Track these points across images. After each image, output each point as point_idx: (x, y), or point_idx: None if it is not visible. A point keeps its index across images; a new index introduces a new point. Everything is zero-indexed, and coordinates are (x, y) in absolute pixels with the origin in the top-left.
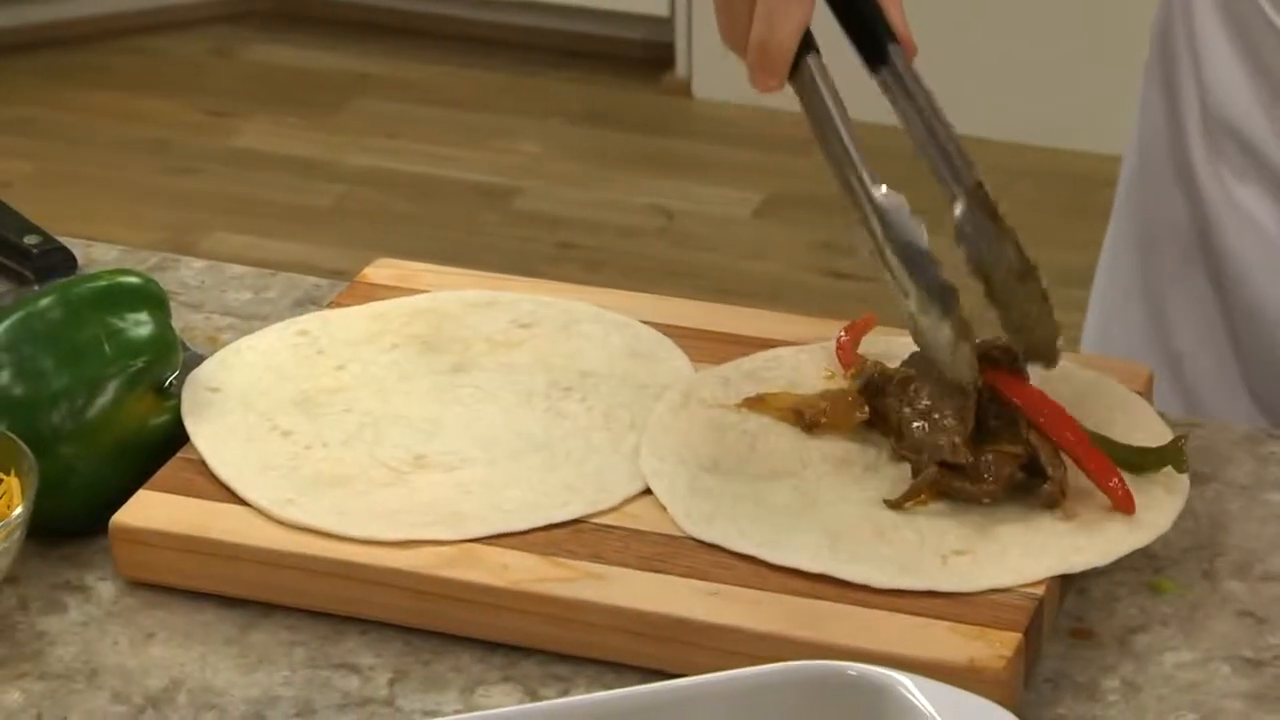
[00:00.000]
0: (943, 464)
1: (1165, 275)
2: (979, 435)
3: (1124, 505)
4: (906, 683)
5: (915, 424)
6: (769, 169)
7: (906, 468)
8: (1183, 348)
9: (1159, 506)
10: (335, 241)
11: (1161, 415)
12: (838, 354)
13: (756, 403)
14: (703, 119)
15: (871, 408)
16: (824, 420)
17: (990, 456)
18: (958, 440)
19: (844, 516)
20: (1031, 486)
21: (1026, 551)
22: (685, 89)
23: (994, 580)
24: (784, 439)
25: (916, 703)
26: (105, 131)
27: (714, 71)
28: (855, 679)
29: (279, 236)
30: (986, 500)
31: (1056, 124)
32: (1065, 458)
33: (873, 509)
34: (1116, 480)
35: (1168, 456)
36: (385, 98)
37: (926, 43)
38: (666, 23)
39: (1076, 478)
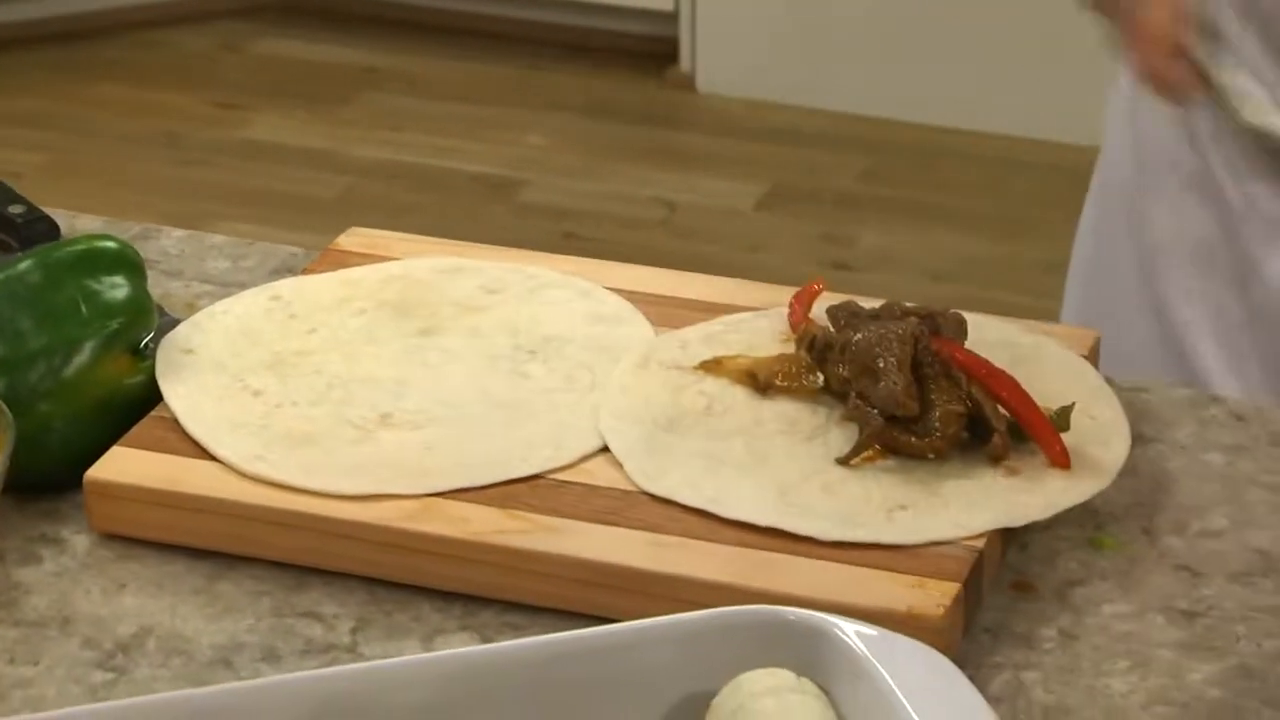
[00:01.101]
0: (890, 418)
1: (1175, 279)
2: (919, 390)
3: (1060, 461)
4: (842, 626)
5: (860, 379)
6: (771, 162)
7: (854, 429)
8: (1186, 318)
9: (1099, 464)
10: (341, 232)
11: (1109, 381)
12: (789, 319)
13: (713, 365)
14: (706, 112)
15: (819, 369)
16: (778, 383)
17: (938, 413)
18: (899, 390)
19: (794, 472)
20: (974, 444)
21: (968, 505)
22: (689, 83)
23: (936, 533)
24: (739, 400)
25: (851, 644)
26: (116, 124)
27: (718, 66)
28: (793, 623)
29: (286, 227)
30: (932, 455)
31: (1054, 118)
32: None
33: (822, 465)
34: (1053, 436)
35: (1056, 419)
36: (392, 91)
37: (924, 39)
38: (671, 17)
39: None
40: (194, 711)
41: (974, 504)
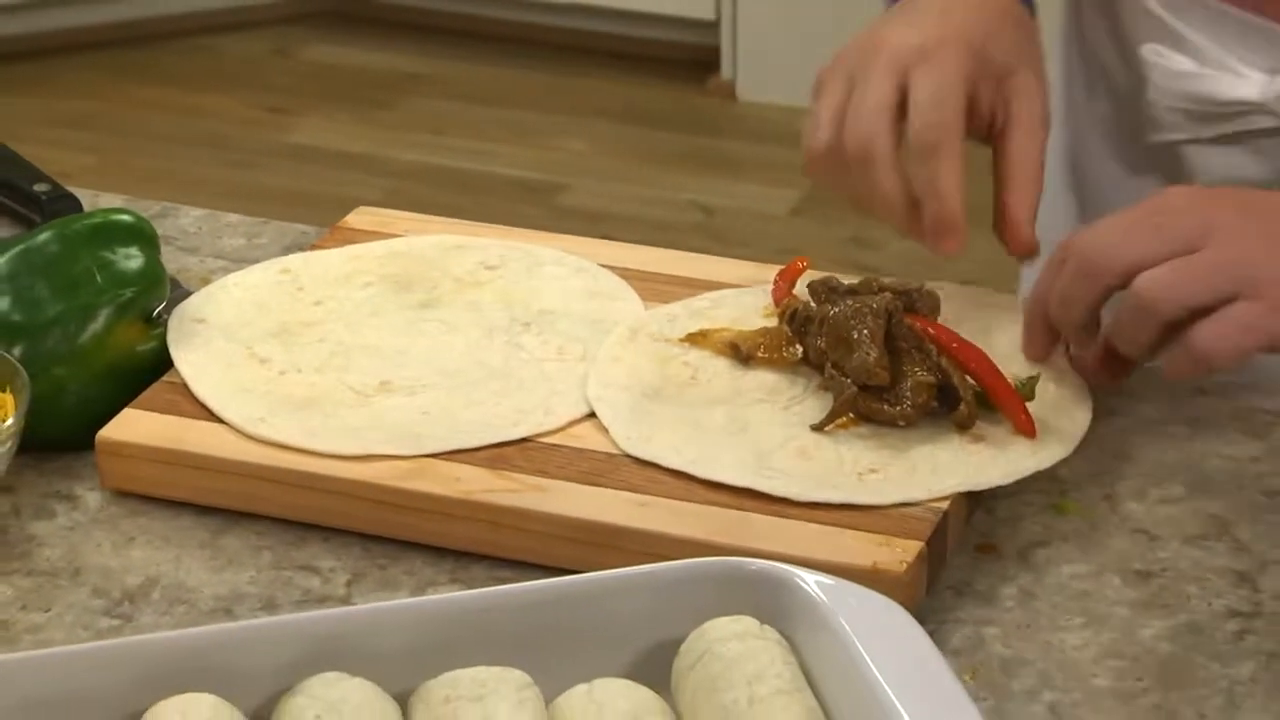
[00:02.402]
0: (863, 388)
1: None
2: (892, 361)
3: (1025, 429)
4: (803, 576)
5: (836, 350)
6: (786, 166)
7: (831, 398)
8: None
9: (1062, 433)
10: None
11: None
12: (773, 295)
13: (698, 337)
14: (745, 120)
15: (799, 342)
16: (760, 355)
17: (909, 383)
18: (872, 361)
19: (771, 438)
20: (944, 413)
21: (935, 470)
22: (730, 91)
23: (904, 494)
24: (722, 371)
25: (810, 593)
26: (166, 126)
27: (758, 74)
28: (755, 573)
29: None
30: (902, 423)
31: None
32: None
33: (798, 431)
34: (1019, 405)
35: (1022, 388)
36: (435, 96)
37: None
38: (712, 26)
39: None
40: (191, 649)
41: (941, 468)
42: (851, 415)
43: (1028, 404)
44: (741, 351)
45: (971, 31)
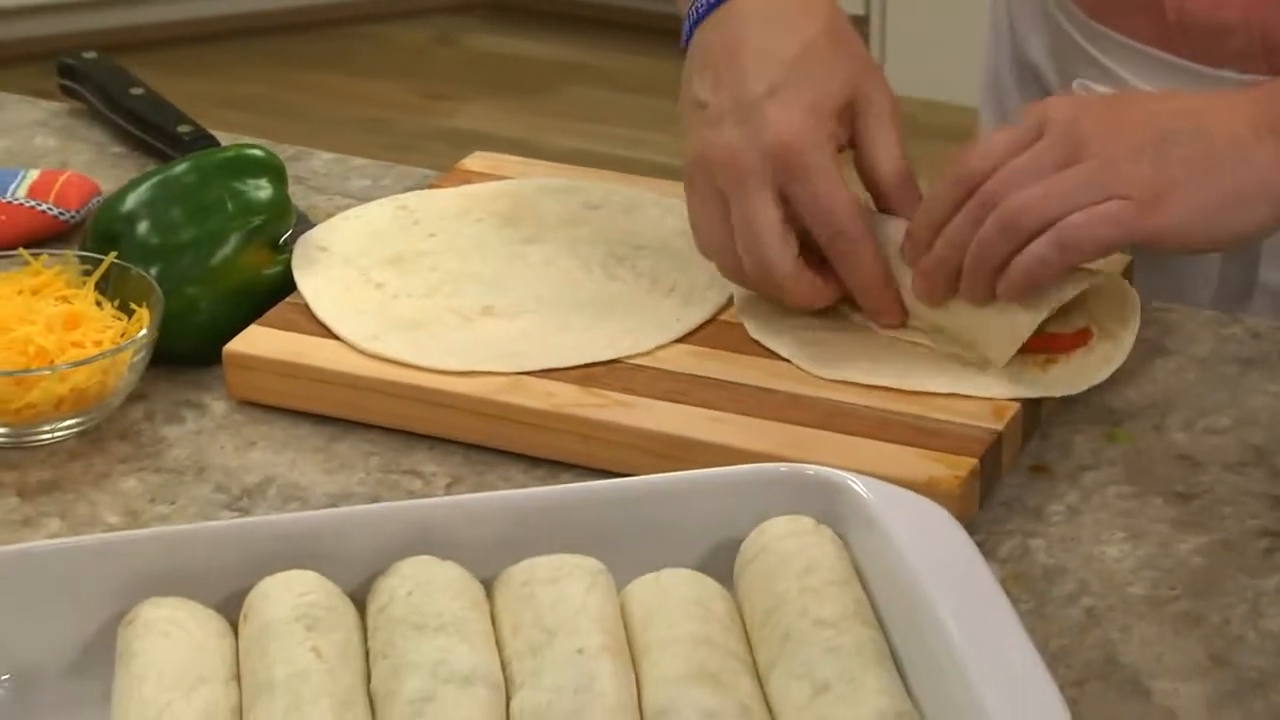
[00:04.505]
0: None
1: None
2: None
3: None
4: (856, 480)
5: None
6: (931, 159)
7: None
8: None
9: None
10: None
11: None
12: None
13: None
14: None
15: None
16: None
17: None
18: None
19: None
20: None
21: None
22: None
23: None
24: None
25: (863, 496)
26: (328, 110)
27: (905, 69)
28: (813, 477)
29: None
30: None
31: None
32: None
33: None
34: None
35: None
36: (592, 85)
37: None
38: (862, 21)
39: None
40: (298, 531)
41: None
42: None
43: None
44: None
45: (807, 89)
